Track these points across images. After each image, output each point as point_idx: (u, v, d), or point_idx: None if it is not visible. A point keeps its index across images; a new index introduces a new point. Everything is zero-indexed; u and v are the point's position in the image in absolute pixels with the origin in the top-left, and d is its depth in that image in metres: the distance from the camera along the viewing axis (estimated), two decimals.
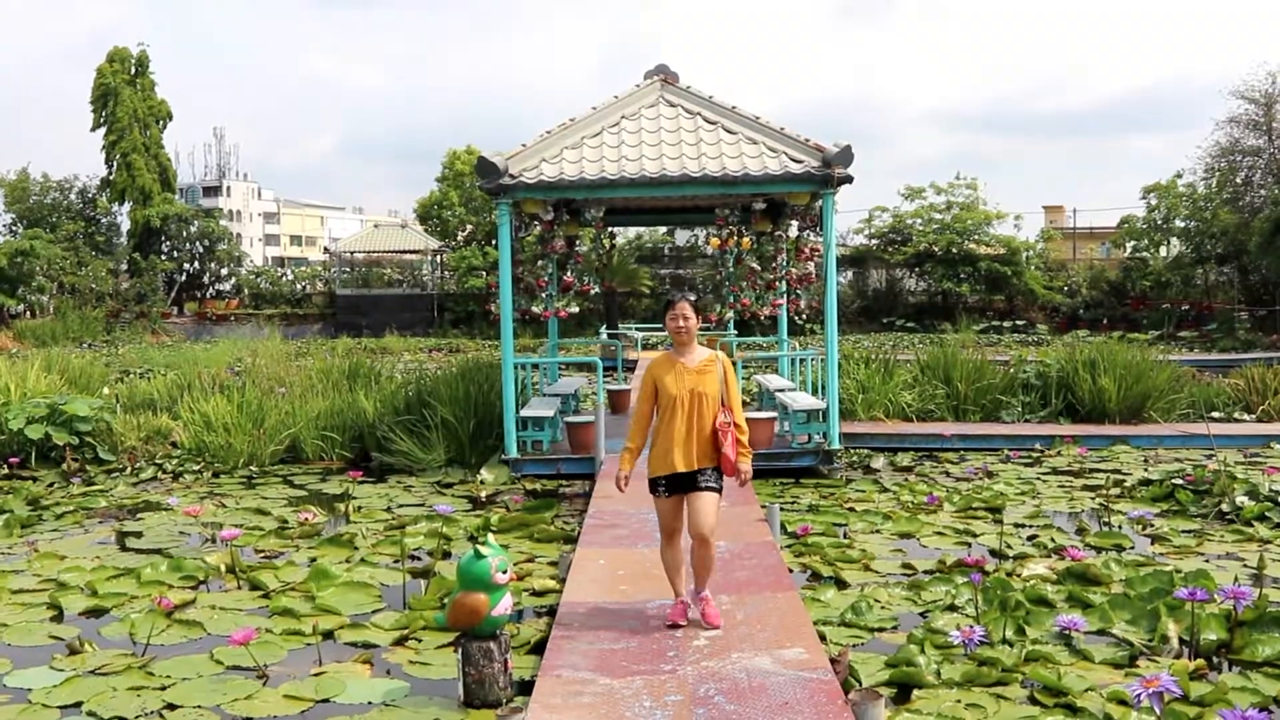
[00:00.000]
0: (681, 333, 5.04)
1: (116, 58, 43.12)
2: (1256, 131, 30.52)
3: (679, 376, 4.99)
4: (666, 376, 5.01)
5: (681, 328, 5.03)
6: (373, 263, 45.12)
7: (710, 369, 5.04)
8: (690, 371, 5.01)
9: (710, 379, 5.01)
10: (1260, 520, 7.68)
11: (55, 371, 14.00)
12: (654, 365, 5.12)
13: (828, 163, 9.67)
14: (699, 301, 5.15)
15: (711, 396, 4.99)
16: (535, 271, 10.59)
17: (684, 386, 4.97)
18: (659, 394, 5.04)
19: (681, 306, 5.04)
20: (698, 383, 4.98)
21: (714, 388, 5.00)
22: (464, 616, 4.51)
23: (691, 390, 4.96)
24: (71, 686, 4.83)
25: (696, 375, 5.00)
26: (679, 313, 5.02)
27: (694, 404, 4.95)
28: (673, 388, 4.97)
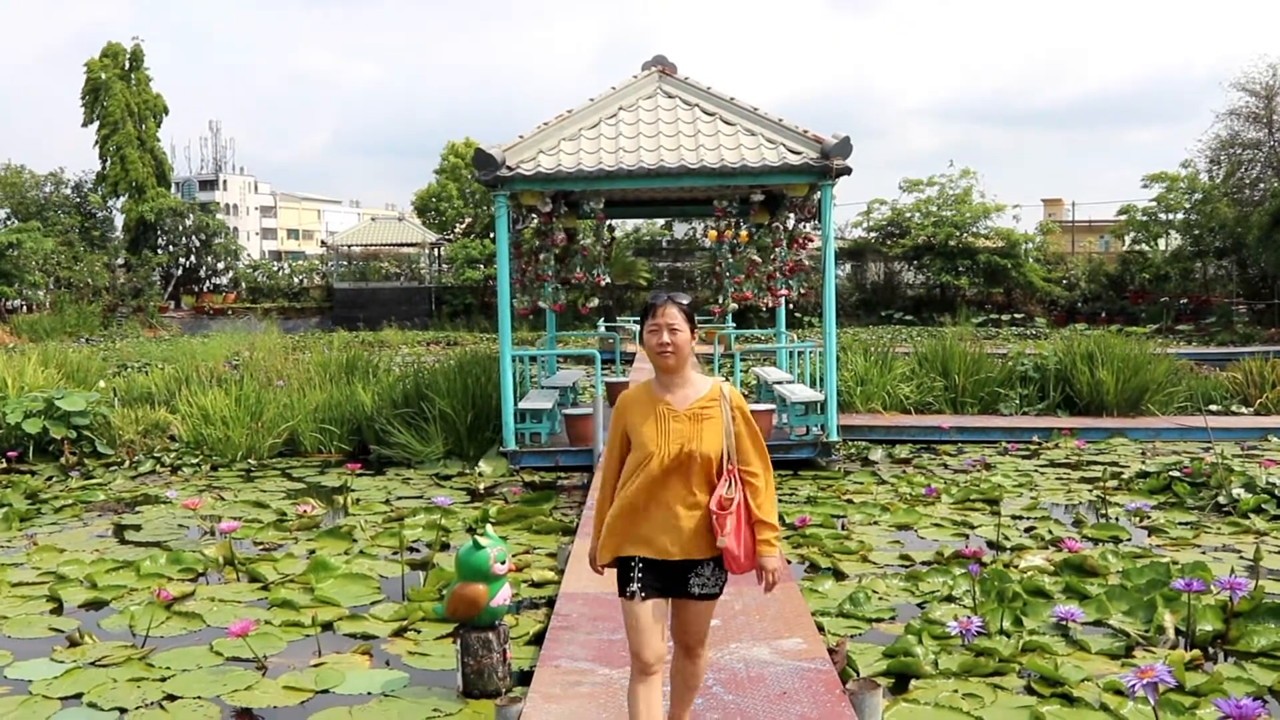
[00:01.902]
0: (666, 353, 3.25)
1: (109, 53, 42.97)
2: (1257, 124, 30.51)
3: (661, 424, 3.22)
4: (643, 423, 3.24)
5: (666, 345, 3.25)
6: (370, 256, 45.06)
7: (711, 412, 3.23)
8: (680, 417, 3.22)
9: (710, 430, 3.21)
10: (1257, 512, 7.70)
11: (52, 366, 14.00)
12: (627, 402, 3.35)
13: (826, 154, 9.67)
14: (694, 305, 3.38)
15: (710, 458, 3.20)
16: (538, 266, 10.58)
17: (669, 441, 3.19)
18: (633, 448, 3.29)
19: (666, 312, 3.26)
20: (690, 436, 3.19)
21: (714, 444, 3.20)
22: (463, 607, 4.52)
23: (680, 448, 3.18)
24: (72, 678, 4.84)
25: (689, 424, 3.21)
26: (663, 321, 3.25)
27: (683, 467, 3.20)
28: (650, 443, 3.20)
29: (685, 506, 3.21)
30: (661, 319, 3.27)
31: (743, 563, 3.22)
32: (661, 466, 3.19)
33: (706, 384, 3.31)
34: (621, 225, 35.51)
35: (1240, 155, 31.23)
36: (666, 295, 3.32)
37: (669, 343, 3.25)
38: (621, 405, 3.38)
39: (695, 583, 3.27)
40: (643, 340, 3.34)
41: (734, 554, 3.20)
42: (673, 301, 3.29)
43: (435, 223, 44.59)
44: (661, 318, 3.27)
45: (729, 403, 3.28)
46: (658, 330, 3.27)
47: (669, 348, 3.25)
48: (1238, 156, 31.26)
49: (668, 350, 3.25)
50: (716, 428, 3.23)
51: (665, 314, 3.27)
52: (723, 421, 3.24)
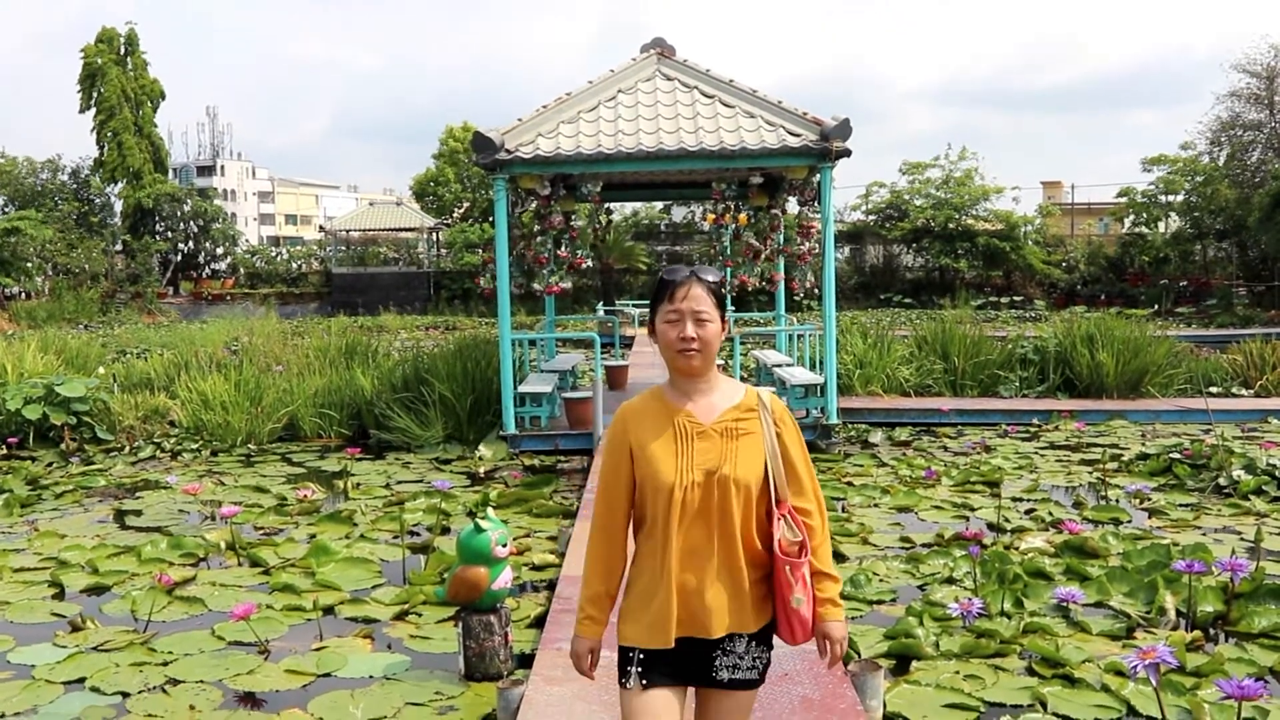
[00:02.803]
0: (690, 351, 2.42)
1: (104, 38, 42.75)
2: (1258, 105, 30.43)
3: (685, 444, 2.41)
4: (656, 443, 2.42)
5: (690, 340, 2.41)
6: (368, 241, 44.98)
7: (748, 427, 2.45)
8: (707, 433, 2.42)
9: (749, 450, 2.43)
10: (1257, 494, 7.71)
11: (52, 352, 13.98)
12: (629, 416, 2.50)
13: (825, 136, 9.63)
14: (723, 283, 2.60)
15: (750, 487, 2.41)
16: (536, 248, 10.55)
17: (695, 465, 2.39)
18: (641, 480, 2.44)
19: (690, 294, 2.42)
20: (724, 456, 2.40)
21: (754, 468, 2.42)
22: (464, 590, 4.53)
23: (710, 473, 2.38)
24: (74, 663, 4.85)
25: (720, 441, 2.42)
26: (686, 307, 2.41)
27: (717, 502, 2.39)
28: (668, 469, 2.39)
29: (726, 559, 2.37)
30: (683, 303, 2.39)
31: (808, 630, 2.43)
32: (687, 502, 2.35)
33: (739, 390, 2.49)
34: (620, 209, 35.46)
35: (1241, 137, 31.15)
36: (689, 270, 2.44)
37: (694, 337, 2.38)
38: (622, 422, 2.45)
39: (724, 665, 2.42)
40: (653, 331, 2.47)
41: (804, 618, 2.41)
42: (697, 279, 2.42)
43: (433, 207, 44.49)
44: (683, 302, 2.39)
45: (771, 414, 2.44)
46: (678, 319, 2.40)
47: (693, 344, 2.38)
48: (1238, 138, 31.18)
49: (692, 348, 2.38)
50: (756, 447, 2.41)
51: (689, 297, 2.39)
52: (764, 439, 2.42)
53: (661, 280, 2.50)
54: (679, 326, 2.41)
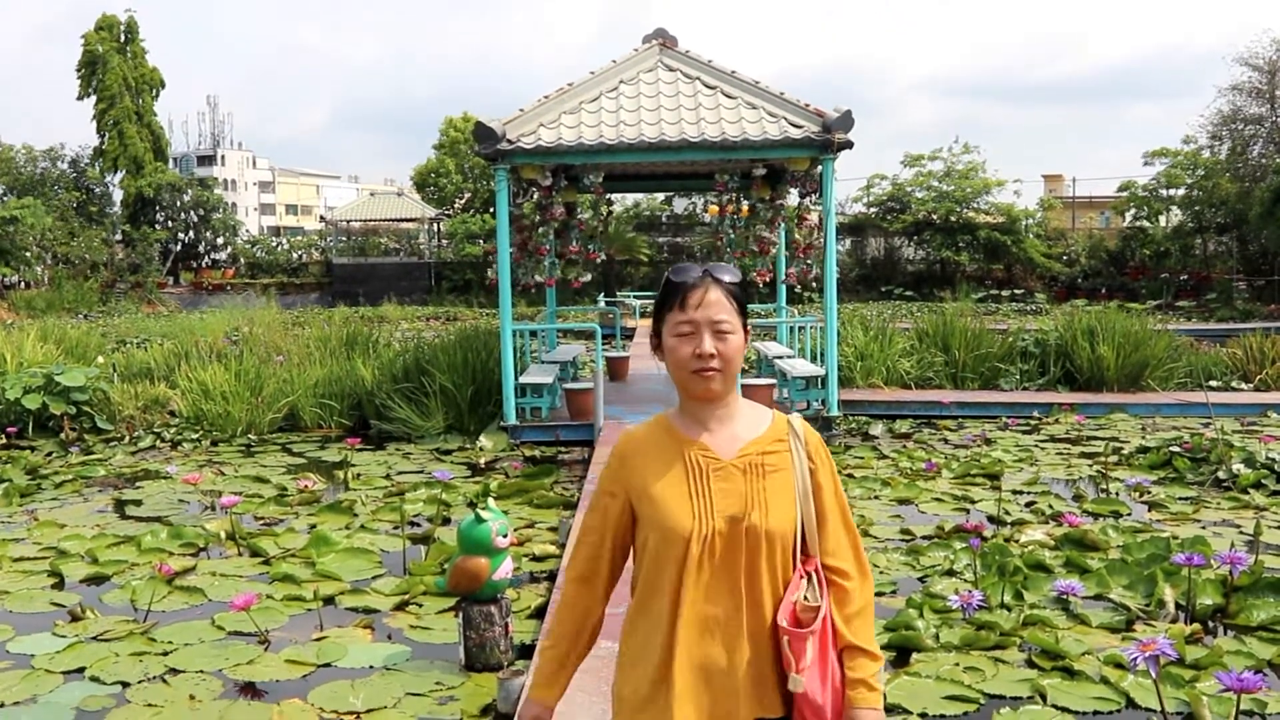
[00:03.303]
0: (709, 372, 1.96)
1: (104, 25, 42.65)
2: (1259, 99, 30.34)
3: (700, 484, 1.96)
4: (664, 483, 1.97)
5: (709, 358, 1.95)
6: (369, 231, 44.91)
7: (777, 462, 1.99)
8: (728, 470, 1.97)
9: (779, 490, 1.97)
10: (1256, 487, 7.71)
11: (51, 341, 13.97)
12: (630, 449, 2.05)
13: (828, 128, 9.61)
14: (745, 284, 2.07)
15: (788, 533, 1.96)
16: (537, 239, 10.55)
17: (715, 511, 1.93)
18: (644, 530, 1.99)
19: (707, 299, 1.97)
20: (751, 499, 1.95)
21: (790, 511, 1.96)
22: (465, 580, 4.53)
23: (735, 521, 1.93)
24: (74, 652, 4.85)
25: (745, 480, 1.96)
26: (702, 316, 1.96)
27: (744, 558, 1.94)
28: (681, 516, 1.93)
29: (753, 631, 1.90)
30: (698, 312, 1.93)
31: (824, 718, 1.92)
32: (705, 557, 1.88)
33: (764, 417, 2.02)
34: (621, 200, 35.39)
35: (1242, 131, 31.07)
36: (703, 270, 1.98)
37: (712, 354, 1.91)
38: (619, 458, 2.02)
39: None
40: (660, 345, 2.01)
41: (817, 705, 1.91)
42: (715, 282, 1.96)
43: (434, 198, 44.43)
44: (698, 310, 1.93)
45: (804, 446, 1.99)
46: (693, 331, 1.93)
47: (712, 363, 1.92)
48: (1240, 132, 31.11)
49: (711, 369, 1.92)
50: (788, 487, 1.94)
51: (705, 303, 1.93)
52: (795, 477, 1.95)
53: (669, 283, 1.98)
54: (693, 341, 1.93)
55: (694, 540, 1.91)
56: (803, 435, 2.02)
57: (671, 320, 1.99)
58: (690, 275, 2.00)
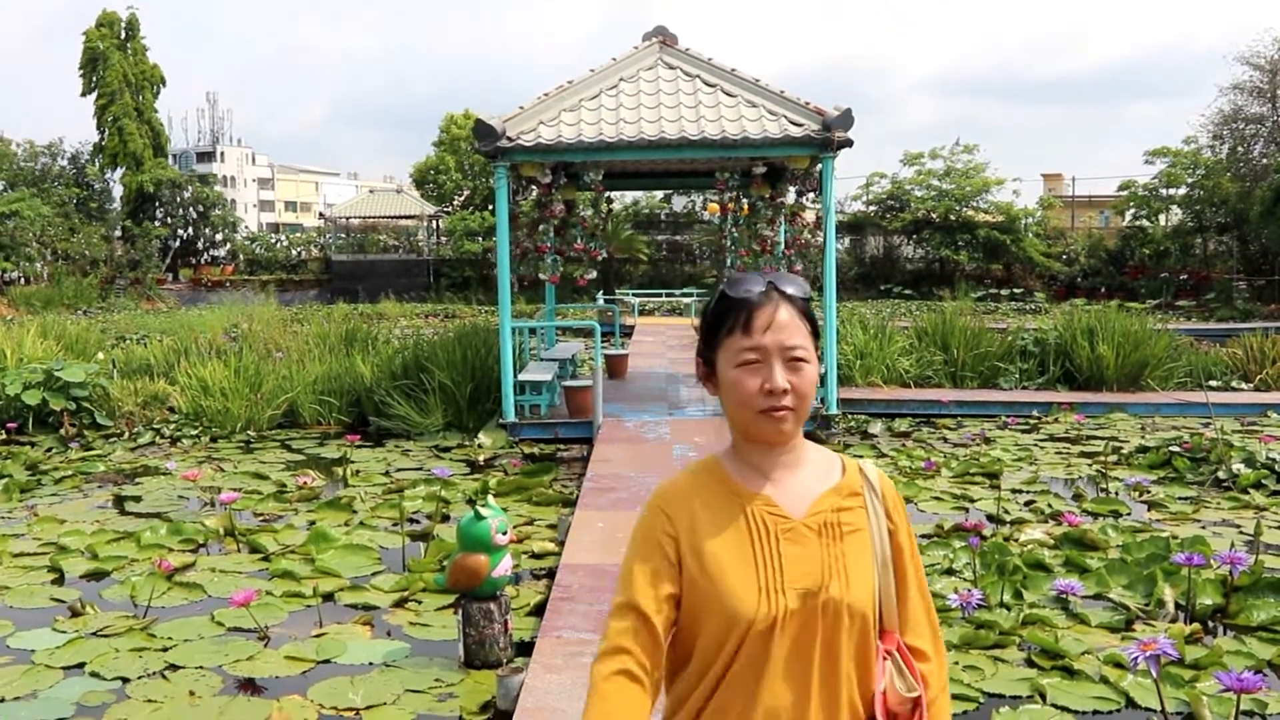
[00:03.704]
0: (781, 413, 1.59)
1: (105, 22, 42.60)
2: (1260, 99, 30.34)
3: (767, 549, 1.58)
4: (716, 547, 1.59)
5: (780, 394, 1.58)
6: (368, 228, 44.88)
7: (854, 518, 1.64)
8: (799, 531, 1.60)
9: (859, 553, 1.62)
10: (1256, 487, 7.72)
11: (51, 337, 13.97)
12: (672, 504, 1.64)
13: (828, 126, 9.60)
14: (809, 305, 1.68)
15: (869, 610, 1.60)
16: (537, 237, 10.56)
17: (786, 583, 1.56)
18: (696, 605, 1.59)
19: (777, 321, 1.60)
20: (829, 567, 1.58)
21: (867, 581, 1.61)
22: (464, 577, 4.53)
23: (809, 595, 1.56)
24: (74, 648, 4.85)
25: (821, 545, 1.60)
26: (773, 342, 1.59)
27: (820, 641, 1.57)
28: (745, 591, 1.55)
29: (822, 707, 1.57)
30: (767, 337, 1.58)
31: None
32: (774, 640, 1.54)
33: (834, 464, 1.68)
34: (620, 198, 35.37)
35: (1243, 130, 31.07)
36: (767, 282, 1.62)
37: (786, 389, 1.57)
38: (660, 512, 1.63)
39: None
40: (711, 375, 1.66)
41: None
42: (785, 298, 1.61)
43: (434, 195, 44.39)
44: (767, 333, 1.58)
45: (882, 501, 1.66)
46: (760, 360, 1.58)
47: (785, 400, 1.57)
48: (1241, 131, 31.10)
49: (783, 408, 1.58)
50: (866, 551, 1.62)
51: (775, 325, 1.59)
52: (874, 540, 1.63)
53: (726, 299, 1.62)
54: (761, 373, 1.57)
55: (760, 619, 1.53)
56: (880, 489, 1.67)
57: (732, 346, 1.60)
58: (754, 289, 1.61)
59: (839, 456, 1.71)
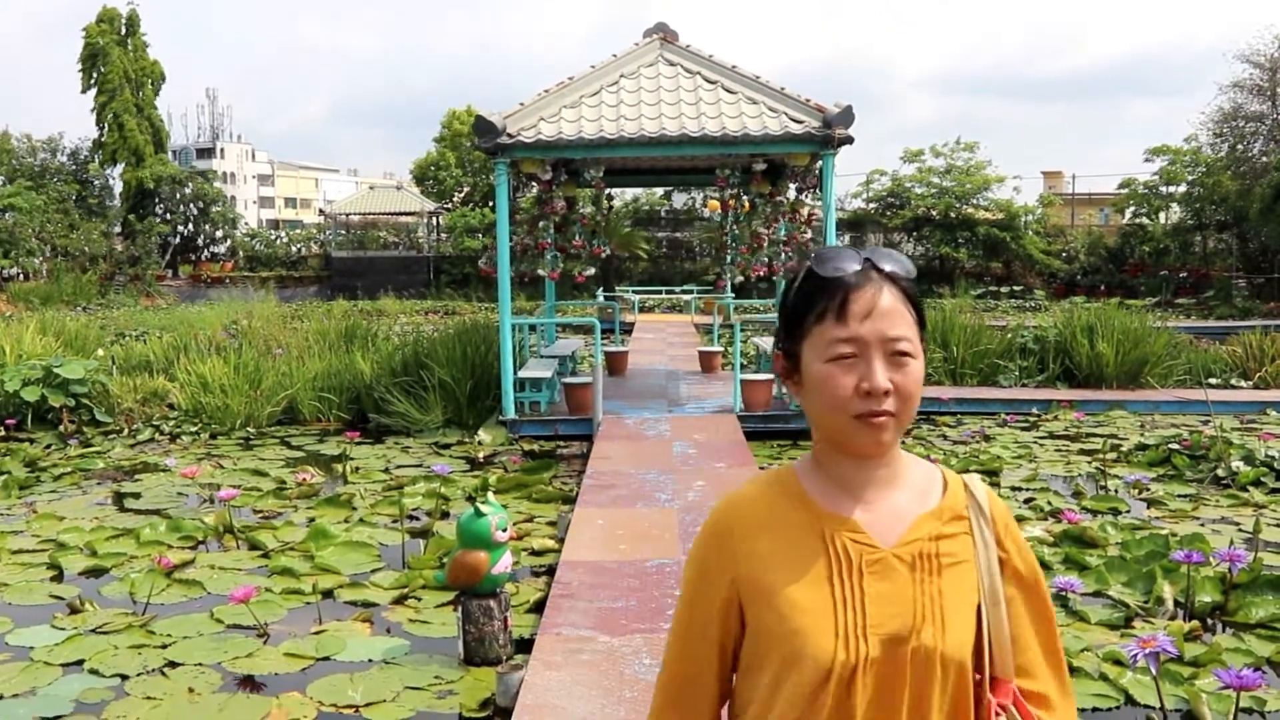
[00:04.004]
0: (880, 417, 1.30)
1: (105, 18, 42.56)
2: (1260, 97, 30.33)
3: (849, 585, 1.31)
4: (788, 582, 1.32)
5: (882, 396, 1.29)
6: (368, 225, 44.87)
7: (957, 548, 1.35)
8: (888, 563, 1.32)
9: (960, 588, 1.33)
10: (1255, 485, 7.72)
11: (50, 334, 13.96)
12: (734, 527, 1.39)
13: (828, 123, 9.59)
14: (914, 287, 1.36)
15: (968, 657, 1.32)
16: (537, 234, 10.55)
17: (869, 627, 1.29)
18: (761, 647, 1.35)
19: (878, 302, 1.31)
20: (923, 609, 1.31)
21: (968, 623, 1.33)
22: (464, 574, 4.52)
23: (898, 642, 1.29)
24: (73, 645, 4.85)
25: (915, 581, 1.32)
26: (872, 332, 1.30)
27: (908, 694, 1.29)
28: (821, 635, 1.29)
29: None
30: (866, 326, 1.31)
31: None
32: (853, 692, 1.30)
33: (934, 479, 1.41)
34: (620, 195, 35.37)
35: (1243, 128, 31.06)
36: (864, 258, 1.35)
37: (887, 389, 1.31)
38: (720, 537, 1.41)
39: None
40: (793, 371, 1.39)
41: None
42: (886, 279, 1.34)
43: (434, 191, 44.37)
44: (866, 322, 1.32)
45: (989, 522, 1.39)
46: (856, 355, 1.32)
47: (887, 403, 1.31)
48: (1240, 129, 31.09)
49: (884, 412, 1.31)
50: (969, 587, 1.35)
51: (876, 311, 1.32)
52: (980, 573, 1.36)
53: (814, 277, 1.34)
54: (857, 369, 1.30)
55: (835, 667, 1.28)
56: (989, 510, 1.38)
57: (822, 336, 1.32)
58: (848, 266, 1.33)
59: (939, 469, 1.43)
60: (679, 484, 7.15)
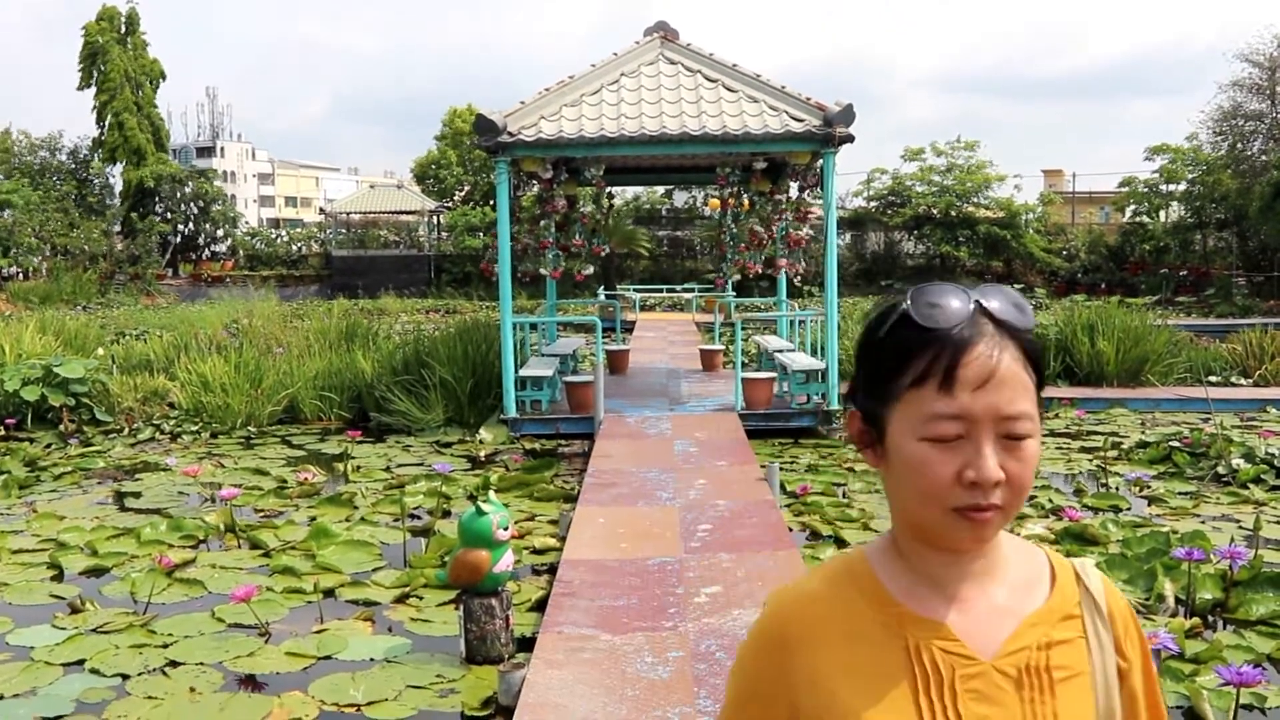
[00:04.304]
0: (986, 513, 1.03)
1: (105, 16, 42.55)
2: (1259, 96, 30.32)
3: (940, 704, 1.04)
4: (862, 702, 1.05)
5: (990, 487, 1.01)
6: (369, 223, 44.86)
7: (1069, 657, 1.07)
8: (994, 681, 1.05)
9: (1074, 706, 1.06)
10: (1256, 482, 7.72)
11: (50, 333, 13.95)
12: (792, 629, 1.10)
13: (829, 121, 9.59)
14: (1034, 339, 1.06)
15: None
16: (539, 233, 10.55)
17: None
18: None
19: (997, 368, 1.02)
20: None
21: None
22: (466, 573, 4.52)
23: None
24: (74, 645, 4.85)
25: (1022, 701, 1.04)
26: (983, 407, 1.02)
27: None
28: None
29: None
30: (978, 398, 1.03)
31: None
32: None
33: (1039, 566, 1.15)
34: (621, 193, 35.34)
35: (1243, 127, 31.05)
36: (972, 301, 1.05)
37: (998, 479, 1.02)
38: (781, 641, 1.12)
39: None
40: (878, 441, 1.11)
41: None
42: (1003, 330, 1.05)
43: (435, 190, 44.34)
44: (979, 393, 1.03)
45: (1106, 622, 1.12)
46: (967, 433, 1.03)
47: (995, 496, 1.03)
48: (1240, 128, 31.08)
49: (990, 508, 1.03)
50: (1085, 708, 1.08)
51: (994, 379, 1.03)
52: (1096, 688, 1.09)
53: (908, 325, 1.06)
54: (964, 453, 1.03)
55: None
56: (1105, 606, 1.12)
57: (918, 406, 1.04)
58: (955, 313, 1.03)
59: (1044, 552, 1.15)
60: (680, 482, 7.16)
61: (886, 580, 1.11)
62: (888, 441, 1.09)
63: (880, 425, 1.09)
